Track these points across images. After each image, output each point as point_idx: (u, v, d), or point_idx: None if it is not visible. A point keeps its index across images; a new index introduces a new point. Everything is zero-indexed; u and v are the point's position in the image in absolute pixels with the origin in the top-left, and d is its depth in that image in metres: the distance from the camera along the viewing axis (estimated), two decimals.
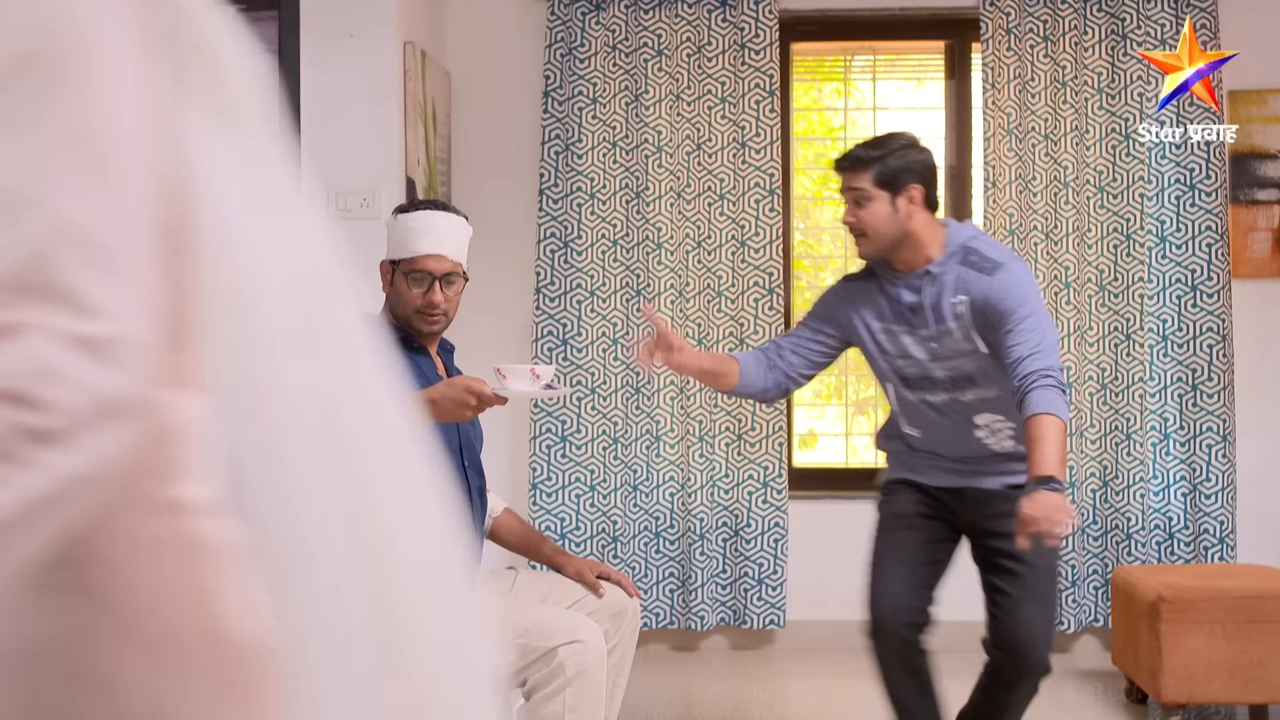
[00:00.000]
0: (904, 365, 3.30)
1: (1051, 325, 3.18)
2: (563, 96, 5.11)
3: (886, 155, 3.22)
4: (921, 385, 3.30)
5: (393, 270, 3.09)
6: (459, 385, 2.81)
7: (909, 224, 3.22)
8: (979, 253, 3.22)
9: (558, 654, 2.80)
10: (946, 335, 3.23)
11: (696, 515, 5.10)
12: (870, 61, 5.38)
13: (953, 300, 3.21)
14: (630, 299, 5.10)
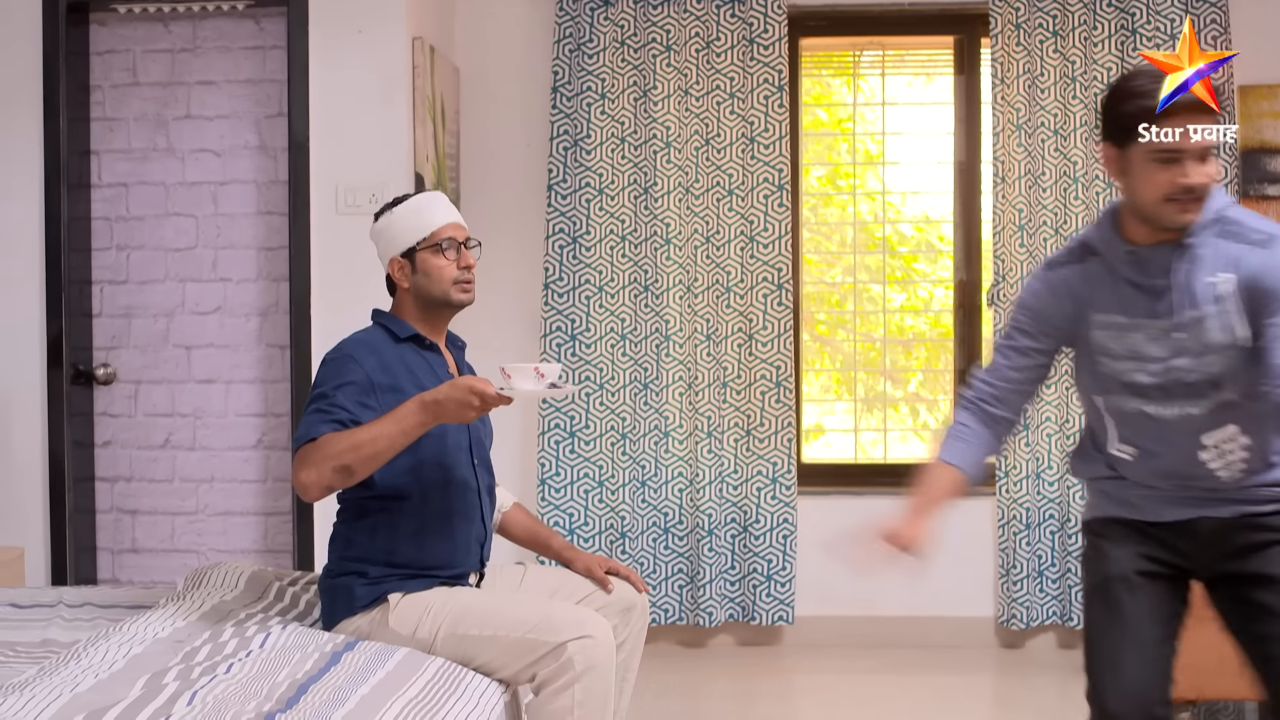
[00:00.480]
0: (1130, 369, 2.62)
1: None
2: (571, 92, 5.11)
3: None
4: (1149, 393, 2.62)
5: (410, 259, 3.08)
6: (462, 386, 2.82)
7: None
8: (1241, 223, 2.59)
9: (567, 649, 2.81)
10: (1198, 325, 2.56)
11: (705, 511, 5.11)
12: (879, 56, 5.37)
13: (1210, 280, 2.55)
14: (638, 294, 5.11)
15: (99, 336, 4.66)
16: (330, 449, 2.82)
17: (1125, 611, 2.67)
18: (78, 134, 4.58)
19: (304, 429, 2.87)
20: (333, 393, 2.90)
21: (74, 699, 2.49)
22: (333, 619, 3.04)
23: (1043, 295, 2.74)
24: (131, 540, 4.67)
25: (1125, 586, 2.69)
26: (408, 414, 2.83)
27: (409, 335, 3.09)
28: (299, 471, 2.83)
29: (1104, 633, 2.67)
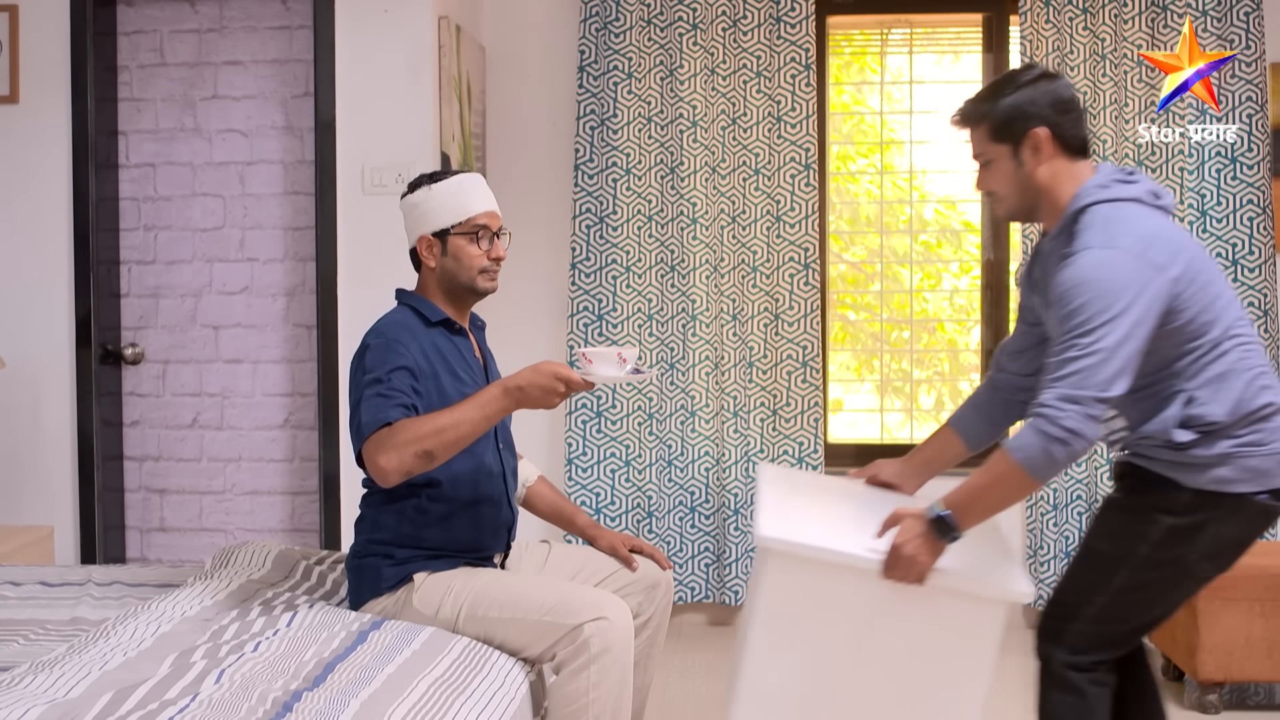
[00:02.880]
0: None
1: (1117, 347, 2.52)
2: (598, 71, 5.09)
3: (997, 101, 2.73)
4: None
5: (442, 240, 3.08)
6: (547, 372, 2.82)
7: (1037, 178, 2.71)
8: (1085, 223, 2.65)
9: (583, 631, 2.81)
10: (1049, 321, 2.76)
11: (731, 490, 5.10)
12: (907, 34, 5.33)
13: (1050, 280, 2.70)
14: (665, 274, 5.10)
15: (127, 316, 4.68)
16: (410, 433, 2.80)
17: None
18: (105, 114, 4.60)
19: (371, 413, 2.84)
20: (388, 377, 2.88)
21: (103, 676, 2.51)
22: (359, 599, 3.06)
23: (1022, 271, 2.98)
24: (160, 519, 4.70)
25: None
26: (491, 399, 2.84)
27: (440, 320, 3.08)
28: (377, 456, 2.80)
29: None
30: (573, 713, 2.82)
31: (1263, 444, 2.66)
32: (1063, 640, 2.76)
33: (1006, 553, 2.86)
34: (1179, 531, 2.69)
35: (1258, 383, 2.68)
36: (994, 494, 2.60)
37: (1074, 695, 2.75)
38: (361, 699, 2.46)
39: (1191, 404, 2.65)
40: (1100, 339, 2.51)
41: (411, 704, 2.51)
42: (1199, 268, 2.65)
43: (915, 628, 2.65)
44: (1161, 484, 2.70)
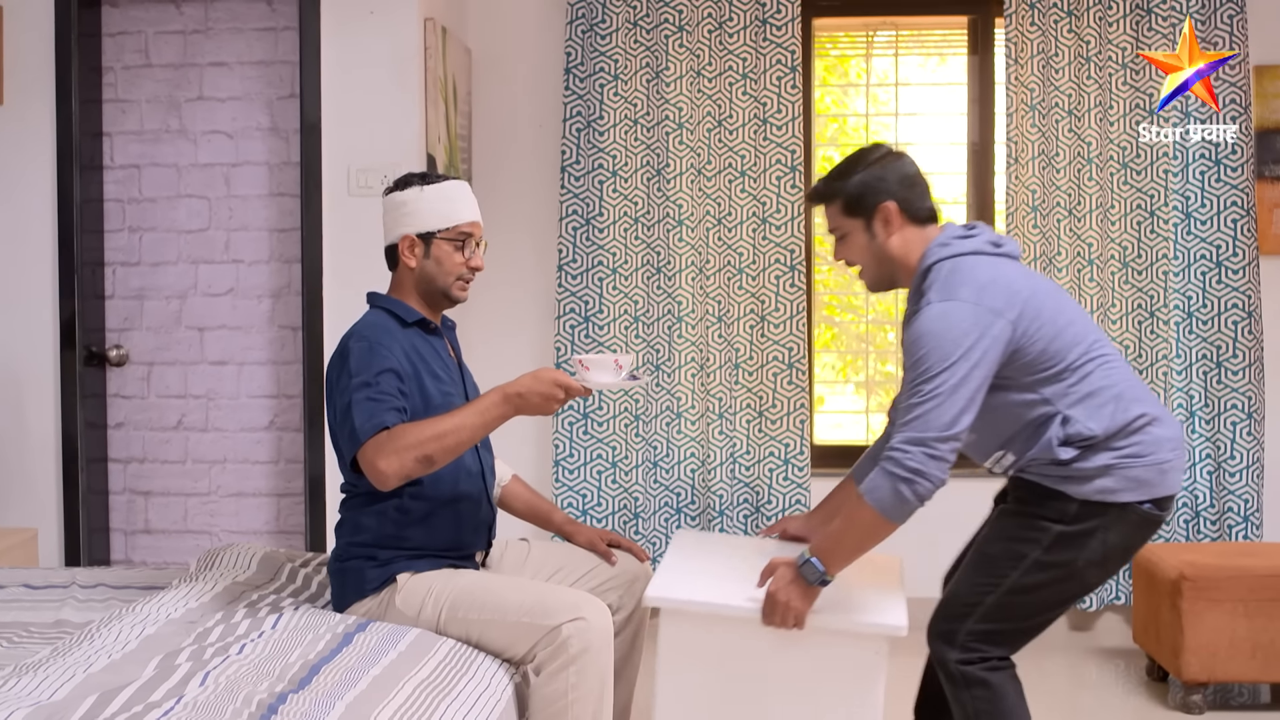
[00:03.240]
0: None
1: (954, 389, 2.70)
2: (584, 73, 5.09)
3: (848, 180, 2.92)
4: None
5: (426, 242, 3.08)
6: (546, 379, 2.85)
7: (889, 248, 2.92)
8: (929, 281, 2.86)
9: (561, 631, 2.81)
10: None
11: (717, 492, 5.11)
12: (893, 37, 5.34)
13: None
14: (651, 276, 5.10)
15: (111, 318, 4.67)
16: (411, 438, 2.82)
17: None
18: (90, 116, 4.59)
19: (365, 417, 2.85)
20: (376, 380, 2.89)
21: (87, 679, 2.50)
22: (343, 602, 3.05)
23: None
24: (144, 521, 4.68)
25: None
26: (490, 405, 2.86)
27: (415, 320, 3.09)
28: (377, 460, 2.81)
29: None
30: (553, 714, 2.82)
31: (1142, 455, 2.84)
32: (954, 641, 2.90)
33: (891, 587, 3.03)
34: (1067, 538, 2.85)
35: (1127, 395, 2.86)
36: (853, 537, 2.78)
37: (980, 688, 2.88)
38: (347, 701, 2.46)
39: (1068, 423, 2.82)
40: (940, 384, 2.71)
41: (397, 706, 2.50)
42: (1040, 303, 2.83)
43: (804, 669, 2.83)
44: (1051, 495, 2.87)
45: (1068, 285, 5.00)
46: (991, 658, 2.89)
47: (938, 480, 2.71)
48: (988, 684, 2.88)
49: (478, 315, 5.18)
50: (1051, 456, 2.84)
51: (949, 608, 2.93)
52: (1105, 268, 5.01)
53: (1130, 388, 2.88)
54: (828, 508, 3.27)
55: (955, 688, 2.90)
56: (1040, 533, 2.86)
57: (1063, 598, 2.91)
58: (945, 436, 2.70)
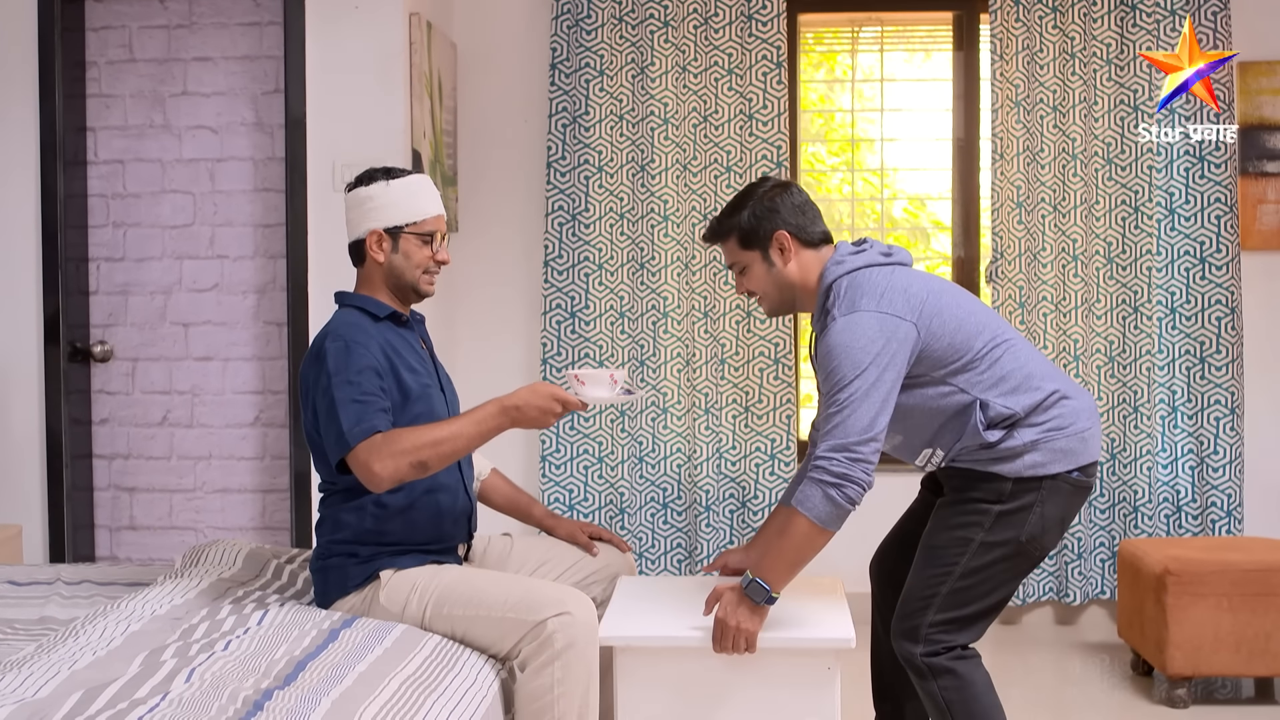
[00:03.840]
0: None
1: (866, 393, 2.82)
2: (569, 69, 5.09)
3: (740, 214, 3.03)
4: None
5: (394, 237, 3.08)
6: (544, 393, 2.89)
7: (789, 274, 3.04)
8: (832, 299, 2.97)
9: (546, 626, 2.82)
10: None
11: (703, 487, 5.11)
12: (878, 32, 5.35)
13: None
14: (636, 272, 5.10)
15: (96, 314, 4.66)
16: (407, 443, 2.84)
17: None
18: (74, 111, 4.57)
19: (354, 419, 2.86)
20: (357, 379, 2.90)
21: (72, 676, 2.50)
22: (326, 600, 3.05)
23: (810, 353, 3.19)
24: (129, 518, 4.67)
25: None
26: (487, 416, 2.90)
27: (387, 314, 3.08)
28: (372, 463, 2.83)
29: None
30: (539, 709, 2.82)
31: (1063, 427, 2.95)
32: (918, 637, 2.96)
33: (835, 603, 3.12)
34: (1007, 516, 2.95)
35: (1036, 374, 2.97)
36: (791, 550, 2.86)
37: (948, 676, 2.96)
38: (333, 697, 2.45)
39: (986, 408, 2.92)
40: (854, 391, 2.82)
41: (383, 702, 2.50)
42: (938, 301, 2.95)
43: (760, 690, 2.90)
44: (985, 478, 2.96)
45: (1052, 280, 5.02)
46: (955, 646, 2.97)
47: (864, 482, 2.82)
48: (955, 672, 2.95)
49: (464, 311, 5.17)
50: (980, 441, 2.93)
51: (906, 605, 3.00)
52: (1090, 263, 5.02)
53: (1038, 366, 3.00)
54: (764, 537, 3.31)
55: (924, 680, 2.97)
56: (981, 515, 2.96)
57: (1013, 574, 3.00)
58: (865, 439, 2.81)
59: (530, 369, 5.23)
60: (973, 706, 2.95)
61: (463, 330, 5.15)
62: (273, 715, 2.34)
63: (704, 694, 2.92)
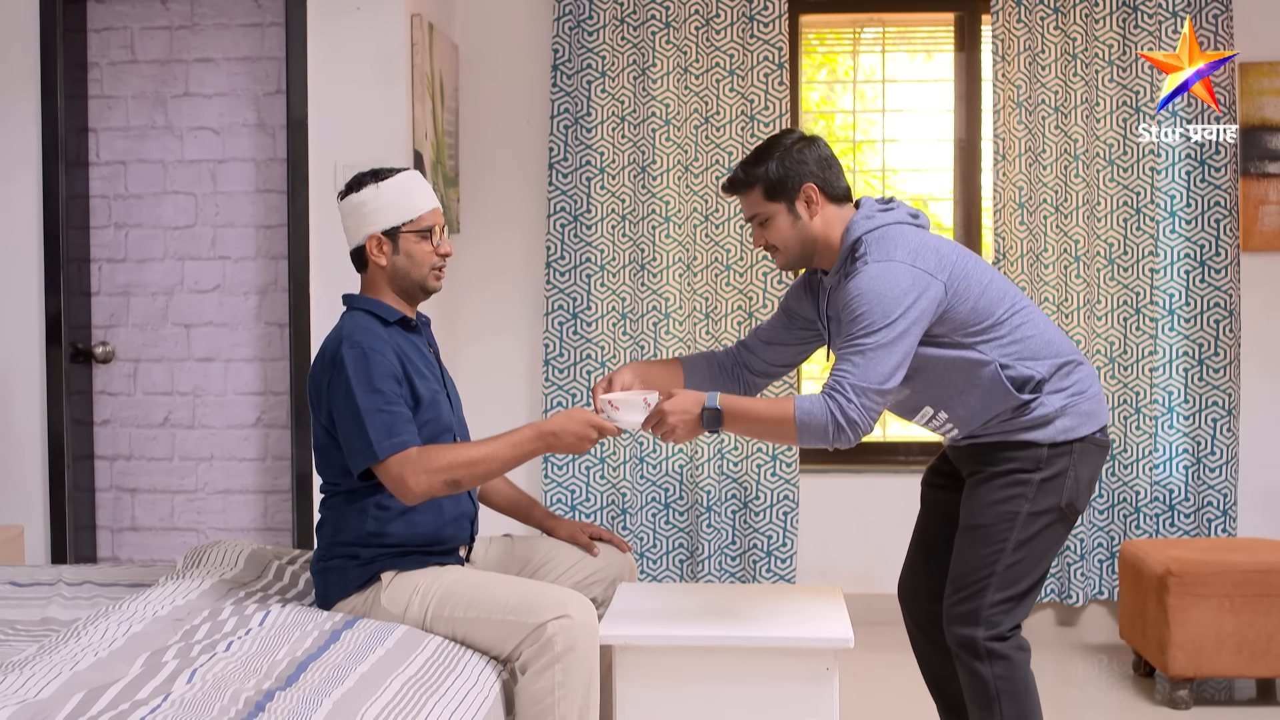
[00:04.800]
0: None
1: (892, 343, 2.82)
2: (571, 70, 5.09)
3: (767, 165, 2.99)
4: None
5: (393, 239, 3.06)
6: (580, 420, 2.91)
7: (813, 228, 3.00)
8: (861, 251, 2.95)
9: (547, 629, 2.82)
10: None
11: (704, 488, 5.11)
12: (880, 34, 5.35)
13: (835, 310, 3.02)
14: (637, 273, 5.10)
15: (98, 315, 4.66)
16: (443, 460, 2.88)
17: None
18: (75, 112, 4.57)
19: (384, 432, 2.88)
20: (382, 388, 2.92)
21: (74, 677, 2.50)
22: (328, 602, 3.05)
23: (799, 282, 3.27)
24: (131, 519, 4.67)
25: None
26: (524, 440, 2.93)
27: (397, 319, 3.08)
28: (407, 477, 2.87)
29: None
30: (539, 712, 2.82)
31: (1083, 390, 3.01)
32: (979, 619, 2.96)
33: (834, 605, 3.13)
34: (1048, 482, 2.98)
35: (1055, 341, 3.02)
36: (763, 426, 2.90)
37: (1004, 664, 2.97)
38: (334, 698, 2.46)
39: (1006, 369, 2.95)
40: (881, 338, 2.83)
41: (384, 703, 2.50)
42: (964, 268, 2.95)
43: (759, 689, 2.92)
44: (1019, 447, 2.98)
45: (1054, 281, 5.02)
46: (1016, 628, 2.99)
47: (865, 433, 2.85)
48: (1011, 661, 2.97)
49: (466, 313, 5.18)
50: (1012, 403, 2.95)
51: (961, 589, 2.99)
52: (1091, 264, 5.02)
53: (1055, 334, 3.04)
54: (649, 369, 3.20)
55: (979, 663, 2.97)
56: (1024, 486, 2.97)
57: (1055, 542, 3.03)
58: (884, 389, 2.83)
59: (533, 370, 5.23)
60: (1021, 700, 2.97)
61: (465, 331, 5.15)
62: (274, 716, 2.34)
63: (703, 694, 2.93)
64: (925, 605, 3.24)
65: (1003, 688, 2.96)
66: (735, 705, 2.92)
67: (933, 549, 3.23)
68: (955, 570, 3.02)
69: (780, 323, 3.26)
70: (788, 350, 3.27)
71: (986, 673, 2.96)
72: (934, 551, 3.22)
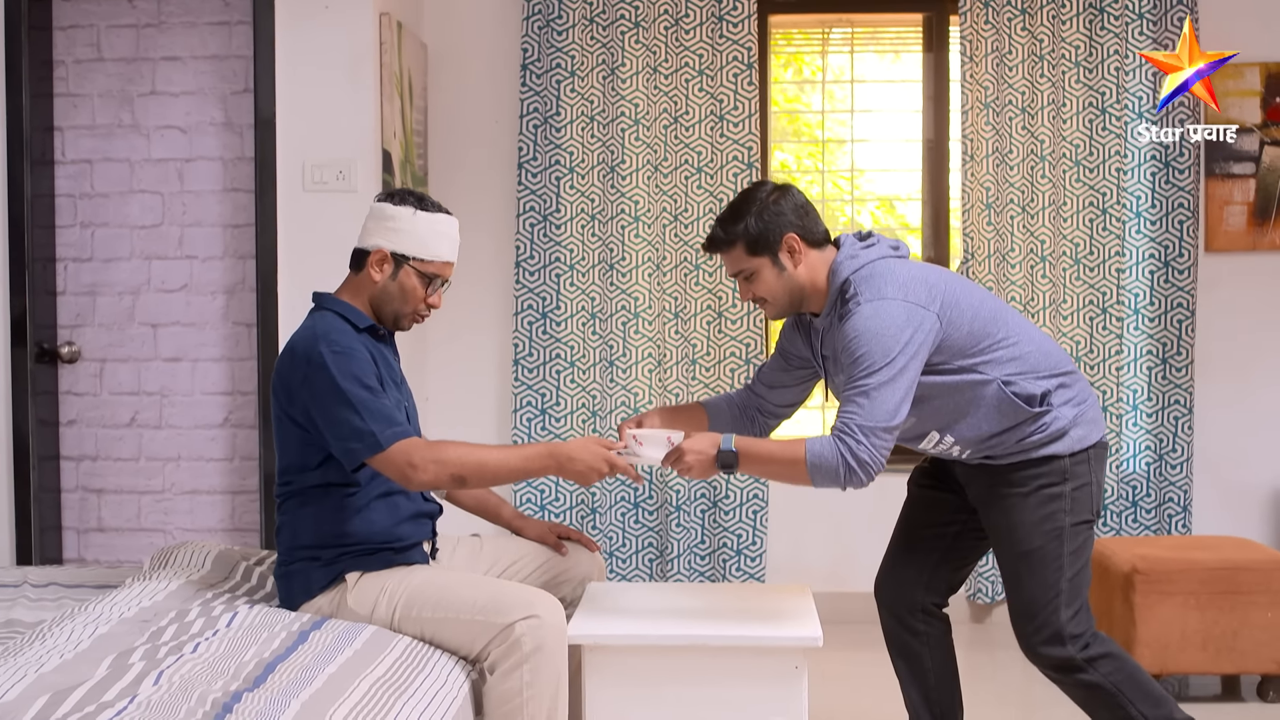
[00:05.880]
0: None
1: (893, 380, 2.85)
2: (540, 69, 5.09)
3: (746, 221, 3.00)
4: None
5: (396, 263, 3.06)
6: (597, 452, 2.93)
7: (799, 277, 3.02)
8: (851, 291, 2.97)
9: (515, 629, 2.82)
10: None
11: (673, 487, 5.12)
12: (848, 34, 5.37)
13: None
14: (606, 273, 5.10)
15: (63, 315, 4.63)
16: (451, 454, 2.89)
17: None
18: (41, 110, 4.54)
19: (383, 422, 2.88)
20: (372, 384, 2.92)
21: (39, 679, 2.48)
22: (292, 606, 3.04)
23: (789, 324, 3.30)
24: (97, 519, 4.65)
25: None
26: (536, 455, 2.95)
27: (367, 326, 3.07)
28: (414, 462, 2.86)
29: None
30: (508, 712, 2.82)
31: (1086, 398, 3.08)
32: (1063, 639, 3.00)
33: (803, 605, 3.15)
34: (1078, 492, 3.04)
35: (1053, 352, 3.07)
36: (776, 468, 2.94)
37: (1108, 661, 3.01)
38: (302, 699, 2.45)
39: (1009, 385, 2.98)
40: (883, 377, 2.85)
41: (353, 704, 2.50)
42: (954, 294, 2.99)
43: (728, 688, 2.92)
44: (1043, 462, 3.02)
45: (1021, 281, 5.05)
46: (1095, 630, 3.03)
47: (877, 473, 2.86)
48: (1111, 654, 3.02)
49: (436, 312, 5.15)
50: (1024, 416, 2.98)
51: (1033, 616, 3.02)
52: (1058, 264, 5.05)
53: (1049, 345, 3.09)
54: (674, 412, 3.29)
55: (1086, 675, 3.00)
56: (1060, 500, 3.02)
57: (1090, 546, 3.08)
58: (891, 426, 2.85)
59: (502, 369, 5.23)
60: (1139, 678, 3.02)
61: (434, 331, 5.14)
62: (242, 718, 2.33)
63: (673, 693, 2.94)
64: (906, 595, 3.29)
65: (1119, 681, 3.01)
66: (704, 704, 2.92)
67: (917, 542, 3.27)
68: (1020, 598, 3.05)
69: (779, 366, 3.29)
70: (791, 391, 3.31)
71: (1098, 679, 3.01)
72: (918, 544, 3.27)
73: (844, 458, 2.83)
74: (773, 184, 3.10)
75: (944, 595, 3.33)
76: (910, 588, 3.28)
